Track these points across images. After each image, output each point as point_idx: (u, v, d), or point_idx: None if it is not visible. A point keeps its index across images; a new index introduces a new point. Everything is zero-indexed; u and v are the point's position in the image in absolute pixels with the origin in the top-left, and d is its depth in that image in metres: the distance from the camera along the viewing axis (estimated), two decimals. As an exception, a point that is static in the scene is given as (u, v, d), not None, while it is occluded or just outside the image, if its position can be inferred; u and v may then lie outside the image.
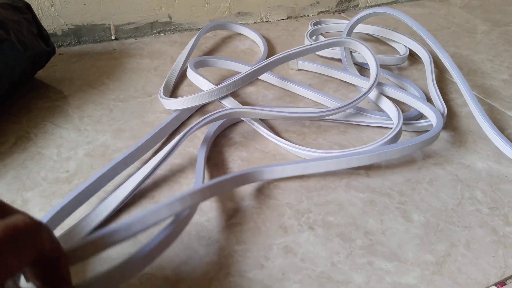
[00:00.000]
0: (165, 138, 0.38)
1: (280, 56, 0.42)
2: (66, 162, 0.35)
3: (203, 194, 0.26)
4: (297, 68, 0.51)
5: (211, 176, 0.35)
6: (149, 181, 0.34)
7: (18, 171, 0.34)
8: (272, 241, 0.29)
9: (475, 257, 0.29)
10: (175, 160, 0.36)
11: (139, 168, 0.33)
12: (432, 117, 0.39)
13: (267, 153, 0.38)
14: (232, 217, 0.31)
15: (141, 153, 0.35)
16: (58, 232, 0.28)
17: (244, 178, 0.31)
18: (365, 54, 0.45)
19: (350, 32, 0.51)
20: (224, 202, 0.32)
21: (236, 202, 0.32)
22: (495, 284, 0.27)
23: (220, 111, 0.36)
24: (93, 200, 0.31)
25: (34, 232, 0.17)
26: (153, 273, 0.27)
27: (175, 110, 0.40)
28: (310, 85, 0.48)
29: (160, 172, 0.35)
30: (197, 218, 0.31)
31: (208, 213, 0.31)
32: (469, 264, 0.28)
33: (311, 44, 0.44)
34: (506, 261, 0.29)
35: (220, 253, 0.28)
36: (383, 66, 0.51)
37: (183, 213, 0.25)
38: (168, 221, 0.25)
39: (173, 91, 0.46)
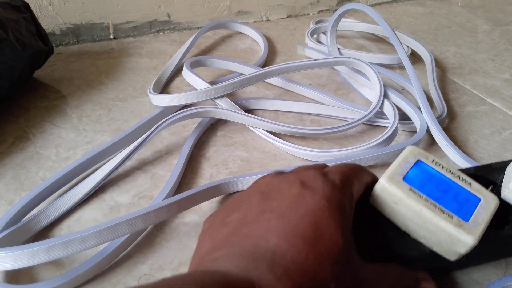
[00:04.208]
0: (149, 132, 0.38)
1: (287, 65, 0.42)
2: (65, 162, 0.35)
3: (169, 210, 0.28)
4: (304, 54, 0.55)
5: (211, 176, 0.34)
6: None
7: (16, 171, 0.34)
8: (272, 242, 0.29)
9: (476, 258, 0.29)
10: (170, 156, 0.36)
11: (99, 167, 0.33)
12: (417, 123, 0.40)
13: (267, 153, 0.37)
14: (232, 217, 0.31)
15: (121, 146, 0.36)
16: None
17: (216, 190, 0.31)
18: (370, 75, 0.44)
19: (333, 32, 0.51)
20: (224, 203, 0.32)
21: (236, 202, 0.32)
22: (497, 285, 0.27)
23: (193, 109, 0.36)
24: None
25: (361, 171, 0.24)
26: (152, 274, 0.27)
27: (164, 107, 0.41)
28: (310, 84, 0.47)
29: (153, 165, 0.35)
30: (196, 218, 0.31)
31: (207, 214, 0.31)
32: (471, 265, 0.28)
33: (314, 60, 0.43)
34: (507, 261, 0.29)
35: (220, 254, 0.28)
36: (385, 66, 0.50)
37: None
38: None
39: (164, 89, 0.46)
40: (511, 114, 0.45)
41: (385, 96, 0.42)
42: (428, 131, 0.39)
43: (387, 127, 0.40)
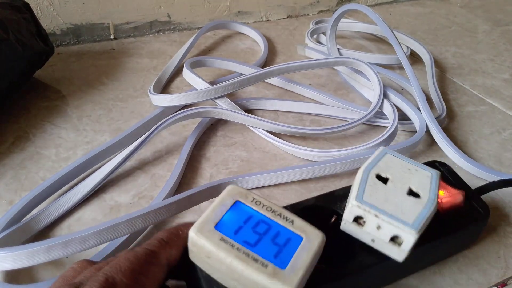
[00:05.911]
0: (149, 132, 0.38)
1: (287, 65, 0.42)
2: (65, 162, 0.35)
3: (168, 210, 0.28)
4: (304, 54, 0.55)
5: (211, 176, 0.35)
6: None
7: (16, 171, 0.34)
8: (272, 241, 0.29)
9: (475, 257, 0.29)
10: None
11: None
12: (416, 123, 0.40)
13: (267, 153, 0.37)
14: (232, 217, 0.31)
15: (121, 146, 0.36)
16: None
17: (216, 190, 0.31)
18: (370, 75, 0.44)
19: (333, 33, 0.51)
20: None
21: (236, 202, 0.32)
22: (496, 285, 0.27)
23: (193, 109, 0.36)
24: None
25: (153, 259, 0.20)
26: (152, 274, 0.27)
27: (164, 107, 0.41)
28: (310, 84, 0.48)
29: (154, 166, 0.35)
30: (196, 218, 0.30)
31: (207, 214, 0.31)
32: (470, 264, 0.28)
33: (314, 60, 0.43)
34: (507, 261, 0.29)
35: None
36: (385, 66, 0.51)
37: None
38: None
39: (164, 89, 0.46)
40: (510, 114, 0.45)
41: (385, 96, 0.42)
42: (427, 131, 0.39)
43: (386, 127, 0.40)
